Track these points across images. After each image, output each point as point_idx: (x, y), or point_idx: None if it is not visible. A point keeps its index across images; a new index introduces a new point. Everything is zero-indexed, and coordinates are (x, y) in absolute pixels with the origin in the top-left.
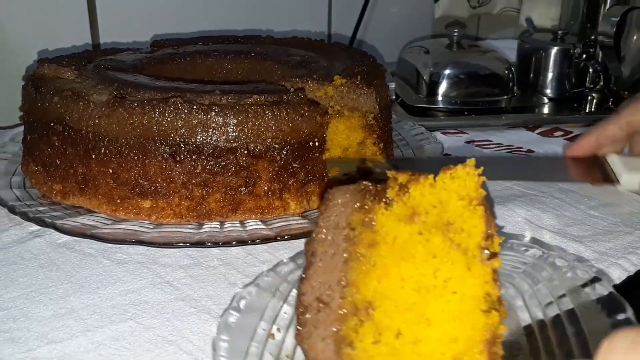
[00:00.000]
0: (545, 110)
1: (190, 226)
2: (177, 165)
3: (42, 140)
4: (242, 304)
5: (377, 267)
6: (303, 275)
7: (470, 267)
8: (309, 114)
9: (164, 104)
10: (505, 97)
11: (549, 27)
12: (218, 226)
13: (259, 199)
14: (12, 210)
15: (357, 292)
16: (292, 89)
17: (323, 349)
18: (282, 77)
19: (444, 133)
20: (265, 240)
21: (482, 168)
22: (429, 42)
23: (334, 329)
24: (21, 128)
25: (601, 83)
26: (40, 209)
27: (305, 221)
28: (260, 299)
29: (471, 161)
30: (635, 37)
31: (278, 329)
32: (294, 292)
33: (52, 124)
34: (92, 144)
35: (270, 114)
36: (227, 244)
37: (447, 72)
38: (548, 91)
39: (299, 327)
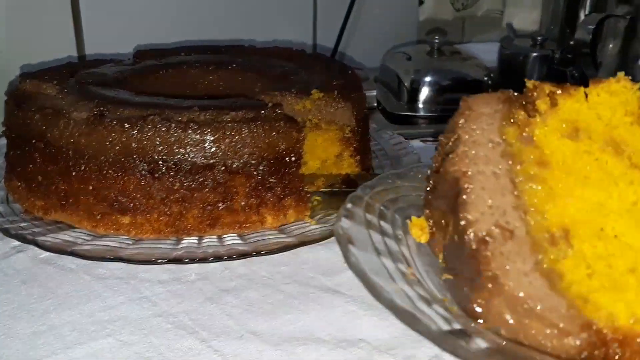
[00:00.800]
0: None
1: (169, 241)
2: (156, 182)
3: (24, 156)
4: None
5: (556, 190)
6: (463, 198)
7: None
8: (285, 130)
9: (143, 122)
10: None
11: (531, 30)
12: (196, 241)
13: (237, 214)
14: None
15: (544, 218)
16: (270, 104)
17: (533, 285)
18: (262, 90)
19: (423, 141)
20: (242, 255)
21: None
22: (412, 48)
23: (535, 262)
24: (4, 141)
25: None
26: (23, 224)
27: (283, 235)
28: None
29: (621, 74)
30: (611, 45)
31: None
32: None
33: (33, 141)
34: (73, 161)
35: (247, 130)
36: (204, 260)
37: (427, 79)
38: None
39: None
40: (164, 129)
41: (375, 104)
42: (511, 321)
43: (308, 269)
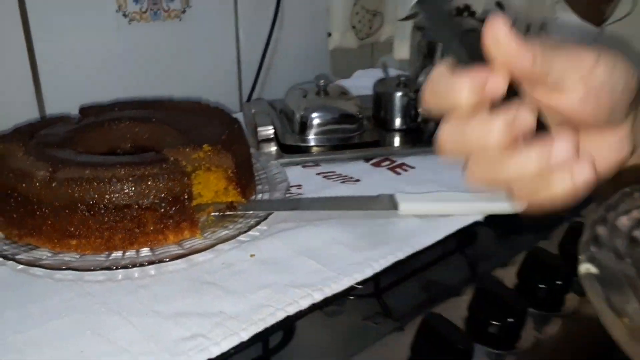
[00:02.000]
0: (396, 143)
1: (103, 255)
2: (92, 217)
3: (4, 201)
4: None
5: None
6: None
7: None
8: (179, 179)
9: (81, 180)
10: (356, 133)
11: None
12: (121, 254)
13: (148, 236)
14: None
15: None
16: (171, 159)
17: None
18: (171, 143)
19: (303, 166)
20: (151, 263)
21: None
22: (309, 85)
23: None
24: None
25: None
26: (4, 247)
27: (179, 248)
28: None
29: None
30: None
31: None
32: None
33: (9, 191)
34: (36, 206)
35: (152, 180)
36: (125, 267)
37: (314, 115)
38: (394, 126)
39: None
40: (95, 184)
41: (272, 136)
42: None
43: (198, 270)
